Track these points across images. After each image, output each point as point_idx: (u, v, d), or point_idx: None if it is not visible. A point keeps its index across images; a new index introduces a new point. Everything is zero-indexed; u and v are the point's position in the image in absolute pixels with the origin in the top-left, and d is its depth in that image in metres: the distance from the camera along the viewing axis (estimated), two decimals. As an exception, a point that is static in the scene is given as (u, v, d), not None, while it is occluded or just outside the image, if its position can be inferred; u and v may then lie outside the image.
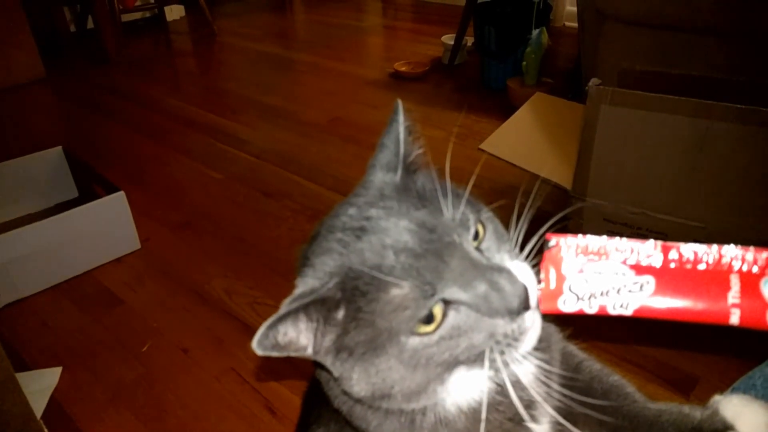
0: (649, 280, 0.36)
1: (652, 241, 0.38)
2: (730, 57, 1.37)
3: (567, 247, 0.39)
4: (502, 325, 0.39)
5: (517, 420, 0.45)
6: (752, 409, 0.45)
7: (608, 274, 0.37)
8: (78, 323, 1.29)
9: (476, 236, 0.42)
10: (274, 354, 0.40)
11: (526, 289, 0.39)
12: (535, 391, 0.45)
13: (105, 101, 2.59)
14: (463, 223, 0.41)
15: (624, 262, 0.38)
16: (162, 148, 2.10)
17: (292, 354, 0.41)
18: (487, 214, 0.44)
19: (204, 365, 1.16)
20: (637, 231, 1.26)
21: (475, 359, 0.40)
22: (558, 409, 0.48)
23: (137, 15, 3.66)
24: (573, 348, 0.54)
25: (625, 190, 1.24)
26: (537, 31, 2.19)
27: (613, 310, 0.37)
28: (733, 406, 0.46)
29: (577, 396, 0.46)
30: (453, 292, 0.39)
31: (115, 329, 1.27)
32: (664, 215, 1.21)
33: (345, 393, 0.44)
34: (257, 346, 0.38)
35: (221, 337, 1.23)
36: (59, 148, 1.72)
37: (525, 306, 0.39)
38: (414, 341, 0.39)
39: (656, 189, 1.22)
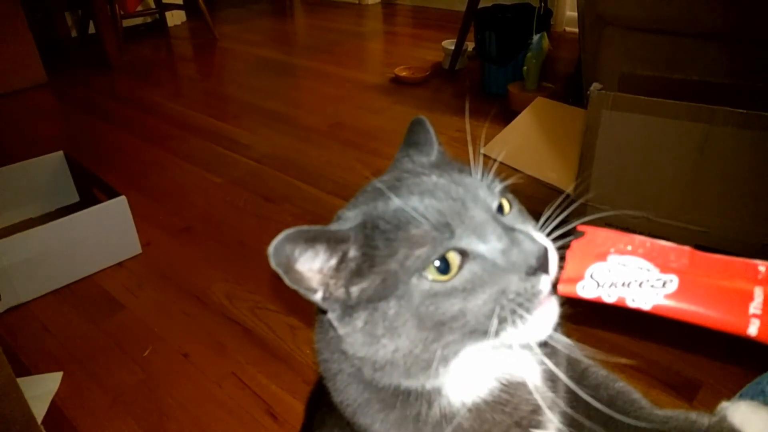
0: (673, 279, 0.36)
1: (682, 246, 0.38)
2: (730, 61, 1.37)
3: (596, 237, 0.40)
4: (516, 281, 0.39)
5: (524, 425, 0.45)
6: (761, 415, 0.45)
7: (633, 267, 0.37)
8: (79, 328, 1.29)
9: (501, 210, 0.43)
10: (285, 277, 0.40)
11: (546, 251, 0.40)
12: (541, 396, 0.45)
13: (106, 106, 2.59)
14: (490, 189, 0.43)
15: (651, 260, 0.38)
16: (163, 153, 2.10)
17: (302, 291, 0.41)
18: (511, 195, 0.46)
19: (205, 370, 1.16)
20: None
21: (483, 324, 0.39)
22: (563, 416, 0.48)
23: (138, 20, 3.67)
24: (579, 354, 0.54)
25: (627, 194, 1.24)
26: (538, 36, 2.20)
27: (632, 303, 0.37)
28: (741, 413, 0.45)
29: (583, 394, 0.46)
30: (471, 242, 0.39)
31: (116, 334, 1.26)
32: (666, 219, 1.21)
33: (344, 353, 0.44)
34: (273, 251, 0.38)
35: (222, 341, 1.23)
36: (60, 152, 1.72)
37: (543, 267, 0.39)
38: (425, 285, 0.39)
39: (658, 193, 1.22)
